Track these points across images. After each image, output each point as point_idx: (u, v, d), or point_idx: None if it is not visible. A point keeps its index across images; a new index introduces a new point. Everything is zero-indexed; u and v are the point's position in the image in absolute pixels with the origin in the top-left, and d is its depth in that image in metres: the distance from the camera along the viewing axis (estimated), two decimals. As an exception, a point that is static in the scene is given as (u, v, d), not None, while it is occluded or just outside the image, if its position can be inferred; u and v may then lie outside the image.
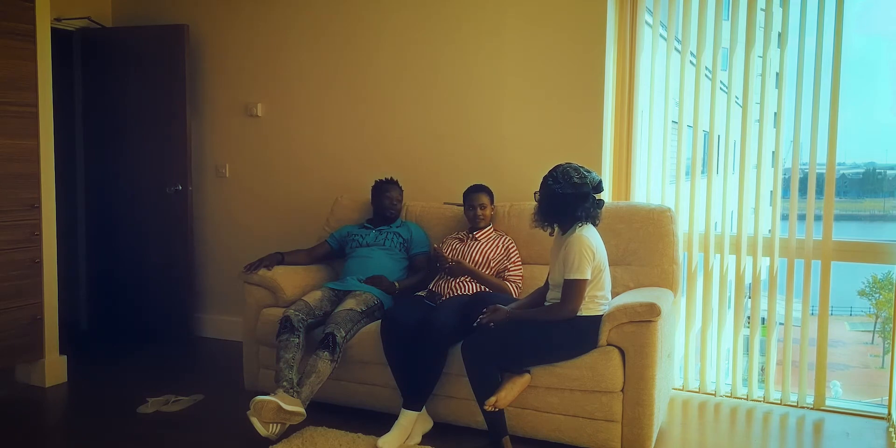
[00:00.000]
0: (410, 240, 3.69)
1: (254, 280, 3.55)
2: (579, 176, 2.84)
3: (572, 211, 2.86)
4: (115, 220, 4.65)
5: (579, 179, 2.84)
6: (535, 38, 3.78)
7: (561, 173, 2.86)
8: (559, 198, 2.85)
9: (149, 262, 4.55)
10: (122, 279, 4.64)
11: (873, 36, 30.78)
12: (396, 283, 3.52)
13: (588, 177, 2.86)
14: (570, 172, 2.85)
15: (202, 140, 4.65)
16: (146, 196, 4.53)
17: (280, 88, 4.44)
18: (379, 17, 4.13)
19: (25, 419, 3.36)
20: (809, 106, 3.38)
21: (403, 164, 4.08)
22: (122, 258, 4.64)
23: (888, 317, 14.00)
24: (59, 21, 4.34)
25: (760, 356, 3.70)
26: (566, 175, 2.84)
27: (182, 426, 3.22)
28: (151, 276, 4.54)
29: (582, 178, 2.84)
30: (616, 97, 3.73)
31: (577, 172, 2.85)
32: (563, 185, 2.84)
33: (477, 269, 3.37)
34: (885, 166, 22.25)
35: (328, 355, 3.05)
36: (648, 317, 2.79)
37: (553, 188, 2.85)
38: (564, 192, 2.83)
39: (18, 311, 3.59)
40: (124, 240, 4.62)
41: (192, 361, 4.30)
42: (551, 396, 2.92)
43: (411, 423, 2.97)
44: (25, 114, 3.57)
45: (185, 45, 4.42)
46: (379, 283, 3.47)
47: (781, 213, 3.53)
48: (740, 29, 3.55)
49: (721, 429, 3.38)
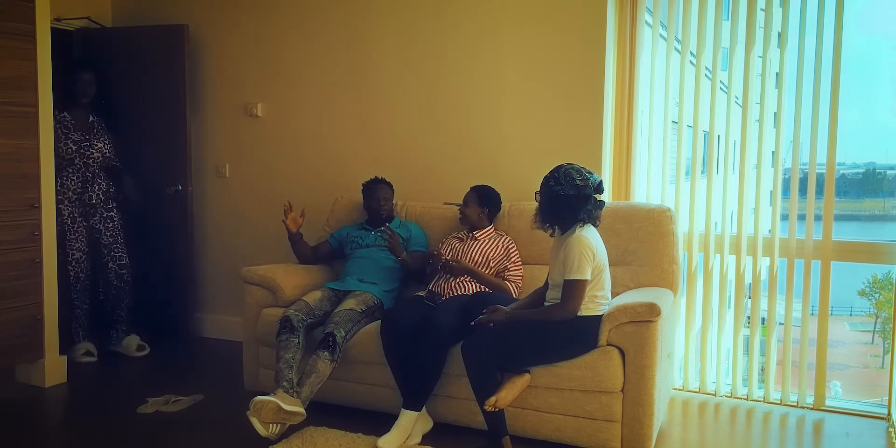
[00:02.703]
0: (409, 239, 3.68)
1: (254, 280, 3.55)
2: (581, 178, 2.84)
3: (574, 212, 2.86)
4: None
5: (581, 181, 2.84)
6: (535, 38, 3.78)
7: (563, 174, 2.85)
8: (561, 199, 2.85)
9: (149, 261, 4.54)
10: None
11: (873, 36, 30.76)
12: (406, 252, 3.53)
13: (590, 178, 2.86)
14: (573, 174, 2.85)
15: (202, 140, 4.65)
16: (146, 196, 4.52)
17: (280, 88, 4.44)
18: (379, 19, 4.13)
19: (25, 419, 3.36)
20: (809, 106, 3.38)
21: (403, 163, 4.08)
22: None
23: (888, 317, 13.99)
24: (59, 21, 4.33)
25: (760, 356, 3.70)
26: (568, 176, 2.84)
27: (182, 426, 3.22)
28: (151, 275, 4.54)
29: (584, 180, 2.84)
30: (616, 97, 3.73)
31: (580, 174, 2.85)
32: (564, 187, 2.83)
33: (476, 269, 3.37)
34: (885, 166, 22.25)
35: (328, 355, 3.05)
36: (648, 317, 2.79)
37: (555, 189, 2.85)
38: (566, 193, 2.83)
39: (18, 311, 3.59)
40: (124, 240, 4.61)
41: (192, 361, 4.30)
42: (551, 396, 2.92)
43: (411, 423, 2.97)
44: (25, 114, 3.57)
45: (185, 45, 4.42)
46: (394, 241, 3.46)
47: (781, 213, 3.53)
48: (740, 29, 3.54)
49: (721, 429, 3.38)
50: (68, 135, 4.05)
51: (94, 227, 4.18)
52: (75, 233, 4.10)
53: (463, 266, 3.34)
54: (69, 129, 4.07)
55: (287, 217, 3.68)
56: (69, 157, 4.05)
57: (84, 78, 4.16)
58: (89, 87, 4.18)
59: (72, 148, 4.05)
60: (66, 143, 4.03)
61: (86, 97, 4.18)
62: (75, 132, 4.08)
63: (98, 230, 4.19)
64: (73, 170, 4.08)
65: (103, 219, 4.20)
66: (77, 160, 4.08)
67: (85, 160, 4.10)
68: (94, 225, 4.18)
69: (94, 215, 4.17)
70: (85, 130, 4.14)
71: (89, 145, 4.11)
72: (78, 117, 4.14)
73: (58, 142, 3.94)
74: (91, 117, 4.20)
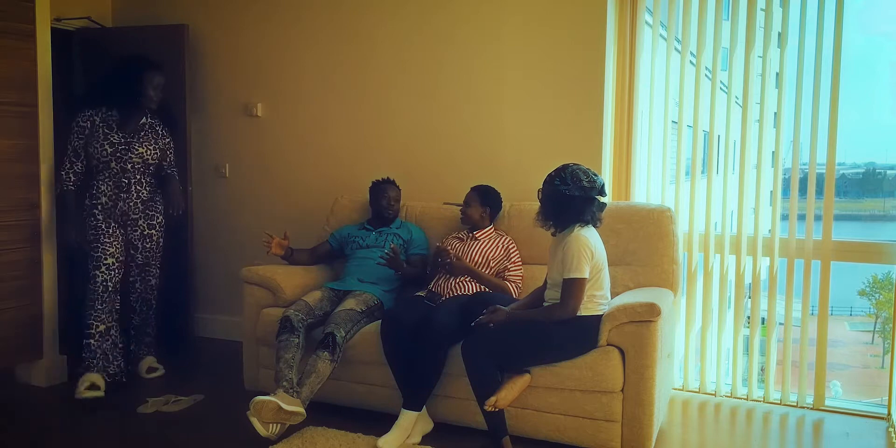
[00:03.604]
0: (410, 241, 3.68)
1: (254, 280, 3.55)
2: (588, 179, 2.85)
3: (579, 213, 2.86)
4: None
5: (588, 183, 2.85)
6: (535, 38, 3.78)
7: (570, 175, 2.85)
8: (567, 199, 2.85)
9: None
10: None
11: (873, 36, 30.80)
12: (405, 263, 3.53)
13: (596, 180, 2.87)
14: (580, 175, 2.85)
15: (202, 140, 4.65)
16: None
17: (280, 88, 4.44)
18: (379, 19, 4.13)
19: (25, 419, 3.36)
20: (809, 106, 3.38)
21: (403, 163, 4.08)
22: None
23: (888, 317, 14.00)
24: (59, 21, 4.33)
25: (760, 356, 3.70)
26: (575, 177, 2.85)
27: (182, 426, 3.23)
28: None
29: (591, 182, 2.85)
30: (616, 97, 3.73)
31: (587, 175, 2.86)
32: (571, 187, 2.84)
33: (477, 269, 3.37)
34: (885, 166, 22.29)
35: (328, 355, 3.05)
36: (648, 317, 2.79)
37: (561, 189, 2.85)
38: (572, 194, 2.84)
39: (18, 311, 3.59)
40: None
41: (192, 361, 4.30)
42: (551, 396, 2.92)
43: (411, 423, 2.97)
44: (25, 114, 3.57)
45: (185, 45, 4.42)
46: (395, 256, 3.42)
47: (781, 213, 3.53)
48: (740, 29, 3.54)
49: (721, 429, 3.38)
50: (108, 136, 3.61)
51: (132, 243, 3.77)
52: (110, 237, 3.66)
53: (464, 265, 3.34)
54: (111, 128, 3.63)
55: (271, 247, 3.60)
56: (105, 159, 3.61)
57: (154, 80, 3.68)
58: (157, 92, 3.71)
59: (107, 150, 3.60)
60: (103, 144, 3.60)
61: (153, 103, 3.71)
62: (117, 133, 3.63)
63: (135, 247, 3.78)
64: (109, 174, 3.64)
65: (143, 236, 3.77)
66: (113, 164, 3.62)
67: (122, 165, 3.63)
68: (131, 240, 3.76)
69: (133, 229, 3.74)
70: (130, 133, 3.67)
71: (128, 149, 3.63)
72: (128, 117, 3.68)
73: (94, 141, 3.60)
74: (145, 119, 3.73)
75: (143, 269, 3.85)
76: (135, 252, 3.80)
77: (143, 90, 3.64)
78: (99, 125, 3.63)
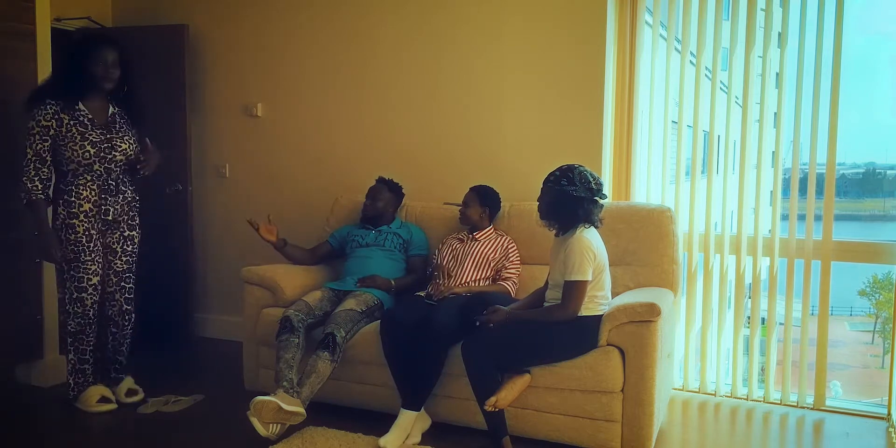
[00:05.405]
0: (410, 241, 3.68)
1: (254, 280, 3.55)
2: (595, 181, 2.87)
3: (585, 214, 2.87)
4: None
5: (596, 185, 2.87)
6: (535, 38, 3.78)
7: (577, 175, 2.86)
8: (573, 200, 2.85)
9: (149, 261, 4.53)
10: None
11: (873, 36, 30.81)
12: (393, 281, 3.51)
13: (601, 182, 2.89)
14: (587, 176, 2.86)
15: (202, 140, 4.65)
16: (146, 196, 4.51)
17: (280, 88, 4.44)
18: (379, 19, 4.13)
19: (25, 419, 3.36)
20: (809, 106, 3.38)
21: (403, 164, 4.08)
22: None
23: (888, 317, 14.00)
24: (59, 21, 4.33)
25: (760, 356, 3.70)
26: (583, 178, 2.85)
27: (182, 426, 3.23)
28: (151, 276, 4.53)
29: (598, 184, 2.88)
30: (616, 97, 3.73)
31: (593, 177, 2.87)
32: (578, 188, 2.84)
33: (471, 288, 3.35)
34: (885, 166, 22.30)
35: (328, 355, 3.05)
36: (648, 317, 2.79)
37: (567, 190, 2.85)
38: (579, 195, 2.84)
39: (18, 311, 3.59)
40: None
41: (192, 361, 4.30)
42: (551, 396, 2.92)
43: (410, 422, 2.97)
44: (25, 114, 3.54)
45: (185, 45, 4.42)
46: (374, 283, 3.46)
47: (781, 213, 3.53)
48: (740, 29, 3.55)
49: (721, 429, 3.38)
50: (85, 134, 3.22)
51: (110, 248, 3.41)
52: (91, 253, 3.29)
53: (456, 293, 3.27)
54: (86, 127, 3.23)
55: (260, 231, 3.58)
56: (87, 162, 3.22)
57: (107, 58, 3.23)
58: (113, 70, 3.26)
59: (89, 151, 3.21)
60: (83, 145, 3.21)
61: (108, 82, 3.26)
62: (94, 130, 3.25)
63: (114, 251, 3.41)
64: (93, 177, 3.27)
65: (123, 238, 3.42)
66: (97, 165, 3.25)
67: (106, 165, 3.28)
68: (110, 244, 3.40)
69: (113, 231, 3.40)
70: (105, 127, 3.29)
71: (111, 147, 3.28)
72: (96, 111, 3.30)
73: (72, 144, 3.19)
74: (111, 108, 3.36)
75: (121, 277, 3.46)
76: (113, 258, 3.43)
77: (94, 69, 3.21)
78: (70, 124, 3.21)
